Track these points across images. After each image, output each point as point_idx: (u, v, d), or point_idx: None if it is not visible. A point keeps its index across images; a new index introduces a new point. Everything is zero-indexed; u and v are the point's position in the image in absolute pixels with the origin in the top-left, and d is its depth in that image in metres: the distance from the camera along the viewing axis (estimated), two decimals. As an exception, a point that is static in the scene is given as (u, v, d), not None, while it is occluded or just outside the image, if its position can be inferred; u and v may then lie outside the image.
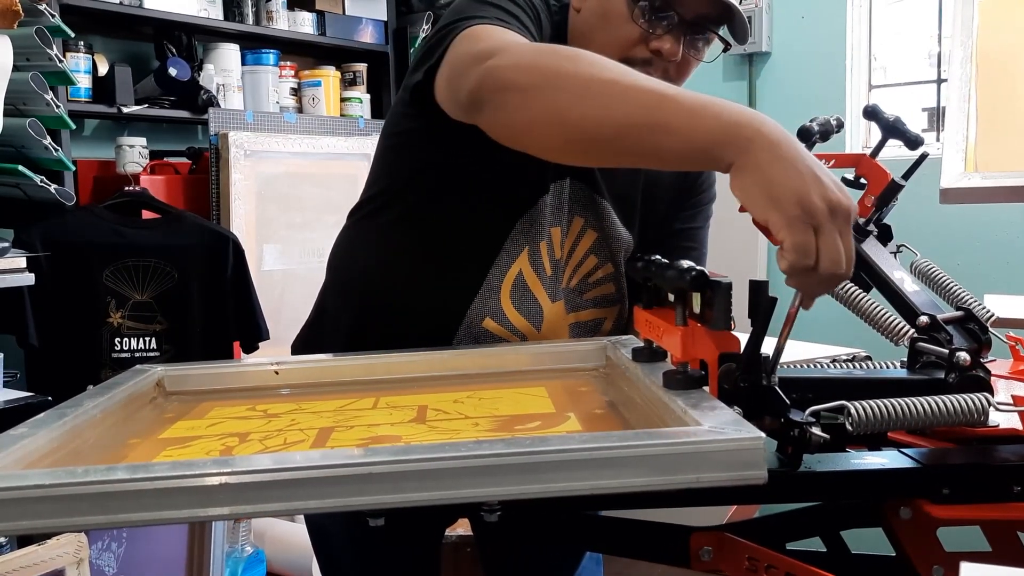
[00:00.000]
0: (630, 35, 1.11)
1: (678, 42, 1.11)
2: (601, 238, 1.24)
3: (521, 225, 1.18)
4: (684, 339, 0.87)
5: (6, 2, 1.89)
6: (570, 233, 1.22)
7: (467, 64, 0.97)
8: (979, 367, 0.90)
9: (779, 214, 0.76)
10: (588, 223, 1.23)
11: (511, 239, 1.18)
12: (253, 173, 2.74)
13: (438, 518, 1.27)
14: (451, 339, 1.18)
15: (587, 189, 1.22)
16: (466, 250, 1.18)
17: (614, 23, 1.11)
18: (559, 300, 1.22)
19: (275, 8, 3.13)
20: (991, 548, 0.89)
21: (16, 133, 2.06)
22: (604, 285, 1.26)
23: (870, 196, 1.14)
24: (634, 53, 1.11)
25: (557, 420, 0.91)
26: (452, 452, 0.69)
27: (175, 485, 0.67)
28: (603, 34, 1.13)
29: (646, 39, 1.10)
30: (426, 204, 1.18)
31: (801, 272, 0.76)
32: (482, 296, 1.17)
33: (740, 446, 0.69)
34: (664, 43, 1.10)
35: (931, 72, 3.19)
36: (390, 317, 1.20)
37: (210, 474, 0.67)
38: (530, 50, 0.96)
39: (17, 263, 2.01)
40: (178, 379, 1.12)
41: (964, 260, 2.83)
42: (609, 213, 1.24)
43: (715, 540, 0.91)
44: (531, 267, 1.19)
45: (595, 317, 1.26)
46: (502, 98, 0.92)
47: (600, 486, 0.69)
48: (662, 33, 1.10)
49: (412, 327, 1.18)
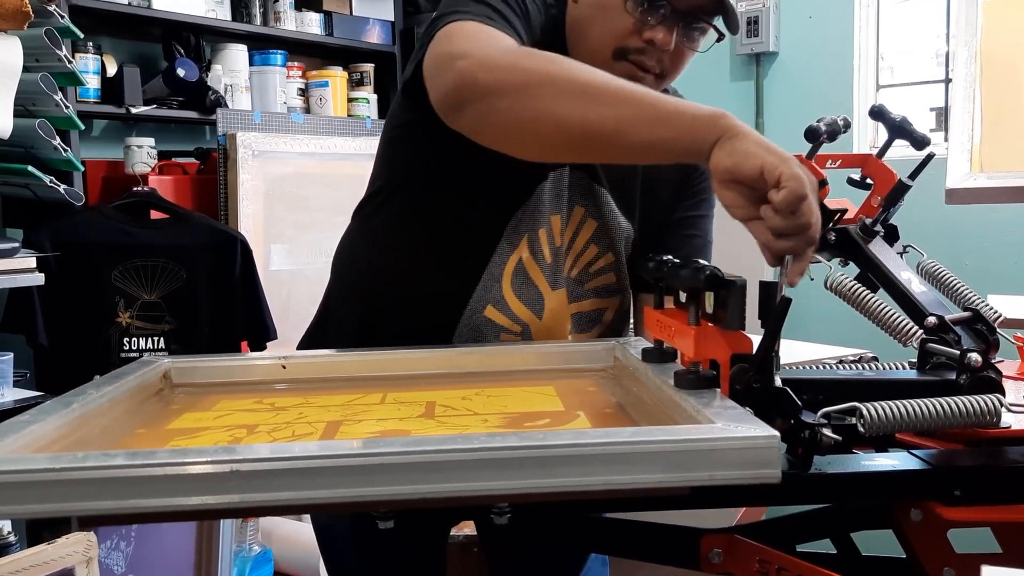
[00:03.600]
0: (625, 25, 1.12)
1: (671, 32, 1.12)
2: (601, 227, 1.25)
3: (521, 213, 1.19)
4: (697, 339, 0.87)
5: (15, 3, 1.89)
6: (571, 222, 1.23)
7: (442, 64, 0.99)
8: (990, 368, 0.90)
9: (774, 156, 0.82)
10: (588, 212, 1.24)
11: (511, 227, 1.19)
12: (261, 173, 2.74)
13: (444, 518, 1.27)
14: (454, 328, 1.18)
15: (586, 178, 1.23)
16: (467, 240, 1.19)
17: (610, 13, 1.12)
18: (560, 288, 1.23)
19: (283, 9, 3.13)
20: (1001, 550, 0.89)
21: (25, 134, 2.06)
22: (605, 275, 1.26)
23: (877, 196, 1.14)
24: (628, 43, 1.12)
25: (567, 418, 0.91)
26: (464, 444, 0.69)
27: (186, 472, 0.66)
28: (599, 24, 1.14)
29: (640, 29, 1.11)
30: (426, 196, 1.19)
31: (797, 202, 0.80)
32: (484, 285, 1.18)
33: (755, 444, 0.69)
34: (657, 33, 1.11)
35: (939, 72, 3.18)
36: (394, 311, 1.20)
37: (221, 461, 0.66)
38: (508, 52, 0.98)
39: (27, 263, 2.02)
40: (185, 371, 1.12)
41: (971, 260, 2.83)
42: (609, 202, 1.25)
43: (725, 542, 0.91)
44: (531, 255, 1.20)
45: (596, 307, 1.26)
46: (482, 103, 0.94)
47: (613, 482, 0.68)
48: (655, 23, 1.11)
49: (416, 318, 1.19)
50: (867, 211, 1.14)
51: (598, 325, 1.27)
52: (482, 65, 0.94)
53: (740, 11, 3.33)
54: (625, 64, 1.13)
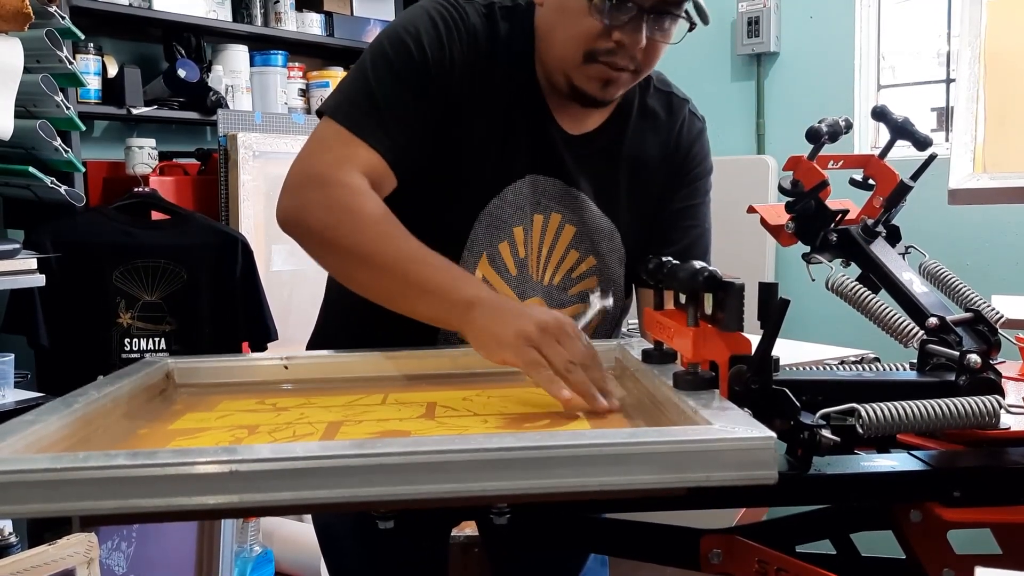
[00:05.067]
0: (591, 28, 1.11)
1: (639, 31, 1.10)
2: (581, 231, 1.25)
3: (478, 228, 1.19)
4: (695, 340, 0.87)
5: (16, 4, 1.90)
6: (548, 230, 1.23)
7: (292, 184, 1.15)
8: (990, 369, 0.90)
9: (507, 350, 0.95)
10: (566, 218, 1.24)
11: (470, 244, 1.20)
12: (262, 174, 2.75)
13: (445, 518, 1.27)
14: (436, 333, 1.18)
15: (561, 184, 1.23)
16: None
17: (573, 18, 1.11)
18: (531, 297, 1.23)
19: (283, 9, 3.13)
20: (1001, 551, 0.89)
21: (26, 135, 2.06)
22: (587, 279, 1.26)
23: (879, 197, 1.14)
24: (597, 45, 1.12)
25: (566, 419, 0.91)
26: (463, 445, 0.69)
27: (187, 472, 0.66)
28: (564, 30, 1.13)
29: (608, 31, 1.10)
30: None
31: (547, 380, 0.92)
32: None
33: (751, 445, 0.69)
34: (626, 35, 1.10)
35: (940, 72, 3.18)
36: (380, 323, 1.17)
37: (222, 461, 0.67)
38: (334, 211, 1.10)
39: (28, 264, 2.02)
40: (187, 372, 1.12)
41: (973, 261, 2.83)
42: (588, 205, 1.24)
43: (725, 543, 0.91)
44: (493, 270, 1.21)
45: (579, 312, 1.26)
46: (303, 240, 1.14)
47: (610, 483, 0.69)
48: (622, 23, 1.10)
49: (400, 330, 1.17)
50: (869, 212, 1.13)
51: (586, 328, 1.26)
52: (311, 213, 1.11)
53: (741, 11, 3.35)
54: (597, 66, 1.13)
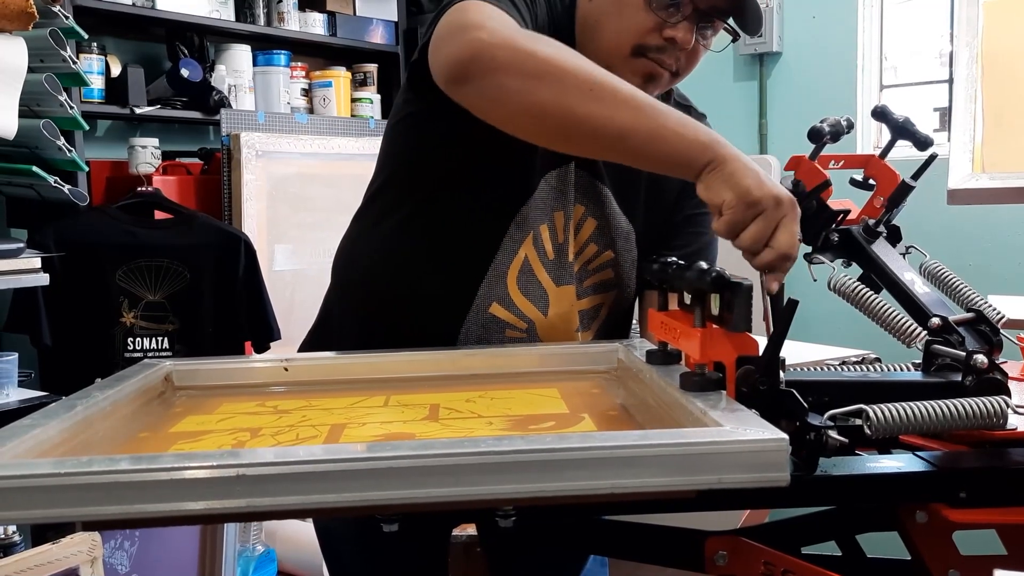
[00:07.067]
0: (644, 23, 1.12)
1: (691, 32, 1.12)
2: (601, 225, 1.25)
3: (524, 210, 1.19)
4: (703, 341, 0.87)
5: (20, 4, 1.89)
6: (572, 220, 1.23)
7: (455, 33, 0.97)
8: (996, 370, 0.90)
9: (733, 194, 0.89)
10: (588, 211, 1.24)
11: (515, 224, 1.19)
12: (264, 173, 2.75)
13: (446, 519, 1.27)
14: (459, 326, 1.18)
15: (588, 176, 1.23)
16: (470, 238, 1.19)
17: (629, 11, 1.12)
18: (564, 284, 1.23)
19: (286, 9, 3.13)
20: (1007, 552, 0.89)
21: (30, 134, 2.06)
22: (603, 271, 1.27)
23: (880, 197, 1.14)
24: (648, 40, 1.12)
25: (571, 421, 0.91)
26: (472, 448, 0.68)
27: (192, 476, 0.66)
28: (616, 21, 1.14)
29: (660, 27, 1.12)
30: (428, 193, 1.19)
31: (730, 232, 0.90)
32: (488, 282, 1.18)
33: (765, 447, 0.69)
34: (679, 31, 1.12)
35: (942, 72, 3.18)
36: (397, 311, 1.20)
37: (227, 466, 0.66)
38: (525, 35, 0.98)
39: (31, 263, 2.02)
40: (187, 374, 1.11)
41: (974, 261, 2.82)
42: (610, 200, 1.25)
43: (730, 544, 0.91)
44: (535, 251, 1.20)
45: (595, 304, 1.27)
46: (492, 79, 0.94)
47: (620, 486, 0.68)
48: (677, 22, 1.11)
49: (420, 318, 1.19)
50: (870, 212, 1.13)
51: (596, 320, 1.27)
52: (500, 41, 0.94)
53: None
54: (644, 61, 1.14)
